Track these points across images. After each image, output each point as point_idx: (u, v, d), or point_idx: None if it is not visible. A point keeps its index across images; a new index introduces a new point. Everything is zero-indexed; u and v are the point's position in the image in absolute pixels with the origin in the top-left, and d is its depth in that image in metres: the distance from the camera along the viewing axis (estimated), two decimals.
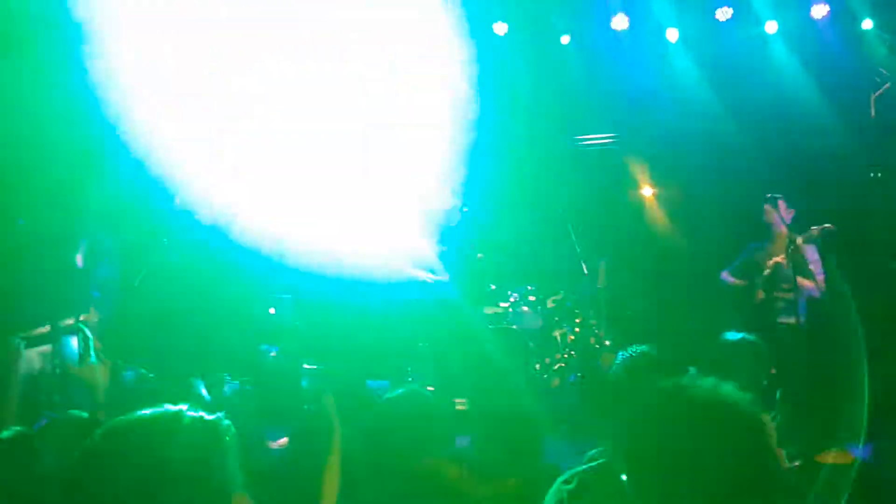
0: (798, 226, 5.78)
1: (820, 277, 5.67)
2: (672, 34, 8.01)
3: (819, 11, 7.54)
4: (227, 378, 3.87)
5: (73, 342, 2.68)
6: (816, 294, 5.67)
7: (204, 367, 4.10)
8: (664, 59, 8.14)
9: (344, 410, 2.92)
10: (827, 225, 5.48)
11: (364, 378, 5.05)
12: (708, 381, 1.49)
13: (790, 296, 5.68)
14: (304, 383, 2.80)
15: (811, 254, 5.70)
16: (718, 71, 7.88)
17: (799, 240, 5.52)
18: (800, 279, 5.57)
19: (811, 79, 7.62)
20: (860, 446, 2.43)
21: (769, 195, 5.90)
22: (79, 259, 5.87)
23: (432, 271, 5.91)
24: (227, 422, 1.56)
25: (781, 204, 5.82)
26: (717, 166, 7.79)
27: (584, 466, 2.35)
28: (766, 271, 5.66)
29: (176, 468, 1.42)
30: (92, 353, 2.68)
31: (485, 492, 2.51)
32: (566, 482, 2.35)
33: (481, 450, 3.98)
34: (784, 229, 5.78)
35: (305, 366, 2.83)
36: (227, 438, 1.52)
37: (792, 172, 7.21)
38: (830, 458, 2.52)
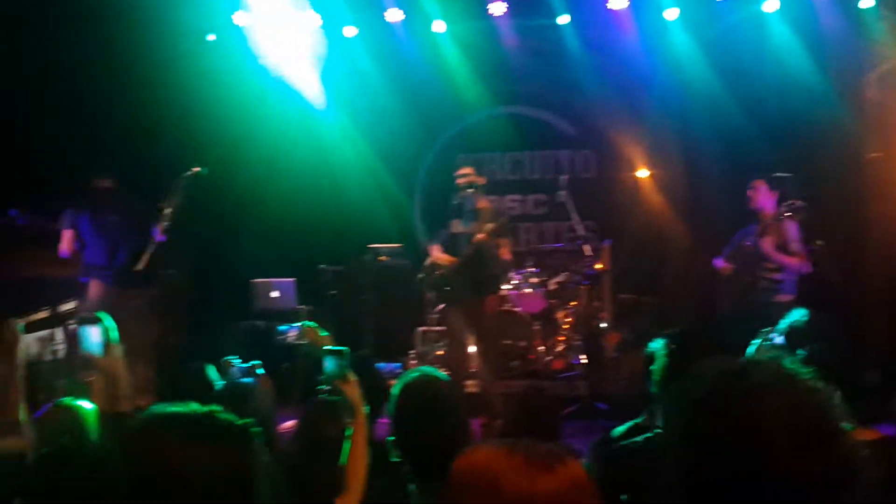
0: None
1: (803, 254, 5.72)
2: (671, 13, 7.94)
3: None
4: (236, 361, 3.77)
5: (95, 332, 2.58)
6: (803, 270, 5.70)
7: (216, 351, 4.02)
8: (663, 38, 8.08)
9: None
10: (794, 201, 5.50)
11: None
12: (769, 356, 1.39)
13: (777, 275, 5.73)
14: (328, 365, 2.71)
15: (793, 232, 5.73)
16: (718, 50, 7.82)
17: (781, 216, 5.59)
18: (783, 257, 5.65)
19: (811, 58, 7.56)
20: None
21: (750, 182, 5.93)
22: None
23: None
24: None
25: (764, 187, 5.84)
26: (718, 147, 7.74)
27: (628, 441, 2.30)
28: (748, 253, 5.72)
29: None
30: (115, 344, 2.61)
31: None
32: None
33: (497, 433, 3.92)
34: (770, 212, 5.80)
35: (328, 347, 2.74)
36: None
37: (792, 152, 7.19)
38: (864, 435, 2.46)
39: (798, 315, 3.28)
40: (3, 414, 3.16)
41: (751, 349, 3.00)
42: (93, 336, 2.57)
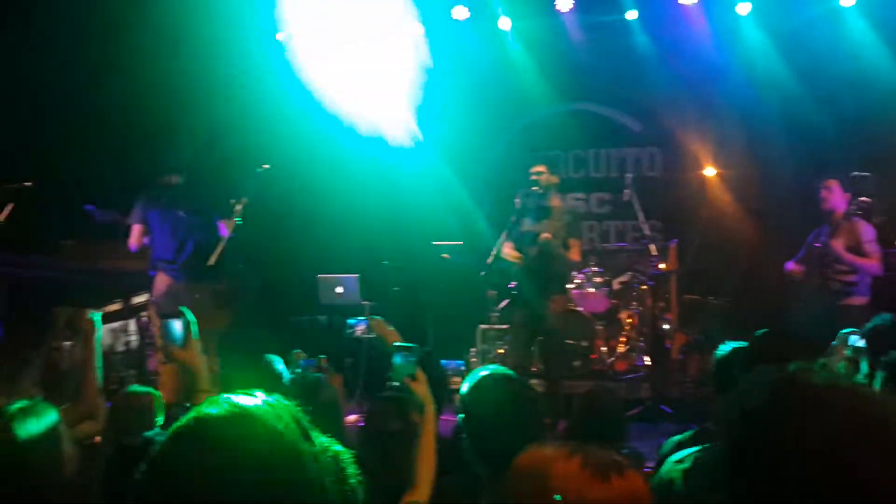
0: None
1: (877, 255, 5.52)
2: (743, 8, 7.75)
3: None
4: (302, 353, 3.82)
5: (177, 325, 2.66)
6: (876, 272, 5.51)
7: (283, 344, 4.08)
8: (735, 33, 7.89)
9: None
10: (862, 199, 5.31)
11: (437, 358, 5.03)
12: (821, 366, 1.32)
13: (850, 277, 5.57)
14: (396, 361, 2.72)
15: (866, 232, 5.53)
16: (791, 45, 7.59)
17: (851, 215, 5.42)
18: (855, 259, 5.50)
19: (890, 53, 7.28)
20: None
21: (823, 181, 5.78)
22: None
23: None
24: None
25: (837, 186, 5.67)
26: (791, 145, 7.52)
27: (700, 446, 2.24)
28: (818, 254, 5.55)
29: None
30: (195, 338, 2.67)
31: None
32: (679, 461, 2.24)
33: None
34: (830, 206, 5.66)
35: (397, 343, 2.75)
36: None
37: (869, 151, 6.94)
38: None
39: (881, 319, 3.19)
40: (78, 402, 3.27)
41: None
42: (176, 329, 2.65)
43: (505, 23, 8.34)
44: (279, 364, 3.72)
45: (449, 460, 2.64)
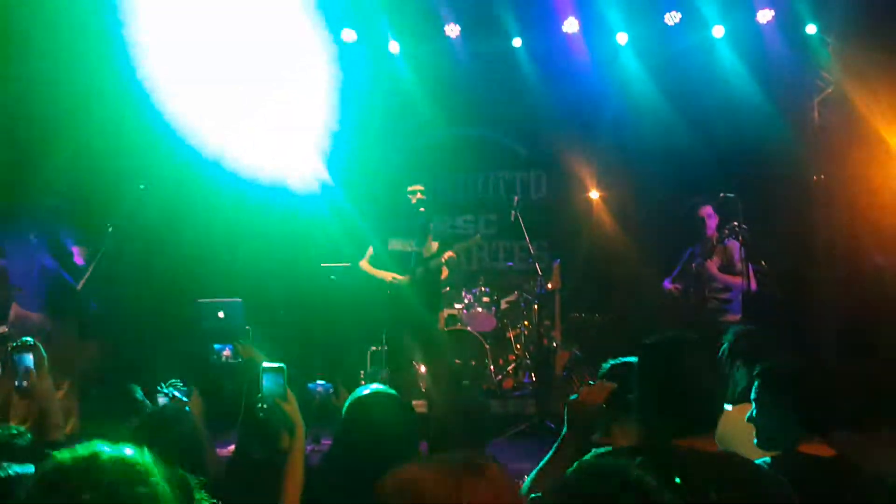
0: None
1: (747, 273, 5.82)
2: (622, 38, 8.06)
3: (765, 16, 7.66)
4: (178, 383, 3.67)
5: (29, 358, 2.52)
6: (746, 289, 5.80)
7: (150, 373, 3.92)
8: (614, 61, 8.19)
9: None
10: (735, 223, 5.63)
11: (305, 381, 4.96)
12: None
13: (725, 295, 5.87)
14: (265, 382, 2.65)
15: (736, 252, 5.84)
16: (667, 74, 7.95)
17: (724, 237, 5.71)
18: (728, 278, 5.81)
19: (757, 83, 7.73)
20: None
21: (693, 201, 6.07)
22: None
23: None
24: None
25: (706, 209, 5.99)
26: (666, 170, 7.84)
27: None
28: (694, 274, 5.82)
29: None
30: (46, 370, 2.53)
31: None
32: None
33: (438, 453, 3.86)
34: (711, 232, 5.94)
35: (265, 364, 2.68)
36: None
37: (739, 174, 7.29)
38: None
39: (738, 331, 3.36)
40: None
41: None
42: (28, 362, 2.50)
43: (394, 46, 8.37)
44: (139, 395, 3.57)
45: (317, 487, 2.59)
